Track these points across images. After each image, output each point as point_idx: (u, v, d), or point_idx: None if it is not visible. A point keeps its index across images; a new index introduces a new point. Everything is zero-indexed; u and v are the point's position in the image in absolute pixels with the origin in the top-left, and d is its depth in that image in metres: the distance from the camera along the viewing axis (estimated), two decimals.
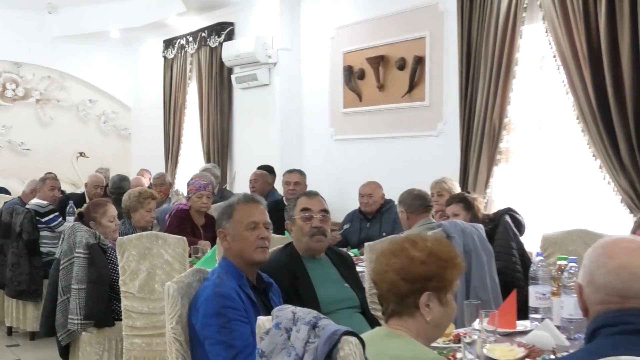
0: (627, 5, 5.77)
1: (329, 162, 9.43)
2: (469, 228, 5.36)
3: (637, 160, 5.80)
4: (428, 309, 2.59)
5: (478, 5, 7.16)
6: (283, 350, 2.49)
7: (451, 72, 7.60)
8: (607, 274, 2.23)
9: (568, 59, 6.27)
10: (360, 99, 8.91)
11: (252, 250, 3.40)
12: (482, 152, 7.15)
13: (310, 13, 9.77)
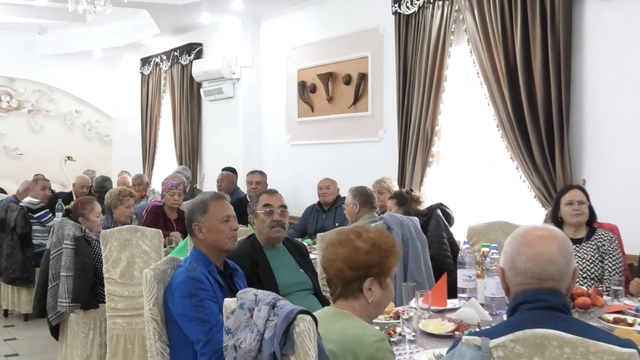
0: (538, 31, 5.86)
1: (285, 164, 9.43)
2: (406, 220, 5.40)
3: (548, 162, 5.88)
4: (370, 292, 2.62)
5: (412, 29, 7.21)
6: (247, 327, 2.49)
7: (390, 86, 7.64)
8: (527, 261, 2.27)
9: (489, 76, 6.34)
10: (312, 110, 8.91)
11: (226, 240, 3.40)
12: (416, 155, 7.19)
13: (268, 36, 9.76)
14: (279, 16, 9.49)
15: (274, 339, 2.38)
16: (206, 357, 3.09)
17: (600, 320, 3.62)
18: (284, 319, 2.38)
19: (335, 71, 8.47)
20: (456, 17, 6.78)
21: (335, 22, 8.48)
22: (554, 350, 2.09)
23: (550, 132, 5.86)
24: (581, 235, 4.72)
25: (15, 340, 6.84)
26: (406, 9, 7.25)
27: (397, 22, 7.39)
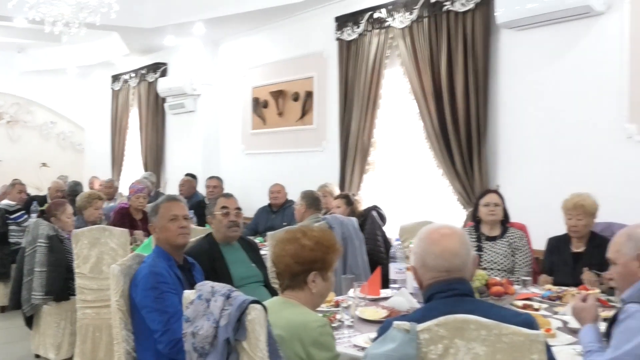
0: (460, 56, 5.95)
1: (240, 171, 9.38)
2: (346, 220, 5.42)
3: (467, 169, 5.97)
4: (314, 284, 2.63)
5: (352, 53, 7.26)
6: (204, 316, 2.47)
7: (333, 103, 7.66)
8: (435, 258, 2.31)
9: (418, 95, 6.41)
10: (264, 123, 8.90)
11: (175, 236, 3.37)
12: (355, 164, 7.23)
13: (226, 57, 9.72)
14: (236, 40, 9.45)
15: (228, 326, 2.36)
16: (163, 345, 3.06)
17: (511, 306, 3.65)
18: (237, 308, 2.37)
19: (285, 89, 8.47)
20: (390, 44, 6.85)
21: (286, 46, 8.49)
22: (472, 332, 2.12)
23: (470, 144, 5.94)
24: (496, 233, 4.78)
25: None
26: (347, 35, 7.29)
27: (339, 47, 7.43)
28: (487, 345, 2.11)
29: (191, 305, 2.55)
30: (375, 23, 6.95)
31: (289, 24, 8.39)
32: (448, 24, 6.09)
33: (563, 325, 3.23)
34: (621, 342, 2.34)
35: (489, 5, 5.75)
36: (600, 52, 5.16)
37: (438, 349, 2.13)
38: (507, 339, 2.10)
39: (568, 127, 5.40)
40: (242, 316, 2.36)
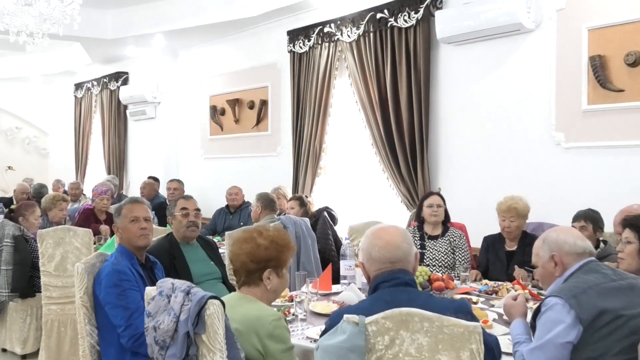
0: (404, 68, 6.01)
1: (199, 174, 9.31)
2: (299, 221, 5.42)
3: (411, 173, 6.02)
4: (269, 281, 2.63)
5: (304, 65, 7.27)
6: (165, 311, 2.46)
7: (286, 111, 7.66)
8: (380, 250, 2.38)
9: (365, 104, 6.45)
10: (222, 129, 8.85)
11: (136, 237, 3.31)
12: (307, 168, 7.24)
13: (185, 67, 9.62)
14: (195, 50, 9.37)
15: (188, 320, 2.35)
16: (125, 339, 3.01)
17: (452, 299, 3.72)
18: (196, 303, 2.36)
19: (241, 98, 8.44)
20: (339, 56, 6.88)
21: (241, 57, 8.45)
22: (416, 324, 2.14)
23: (413, 150, 6.00)
24: (437, 232, 4.83)
25: None
26: (299, 48, 7.30)
27: (291, 59, 7.43)
28: (429, 336, 2.13)
29: (152, 301, 2.53)
30: (325, 37, 6.97)
31: (245, 37, 8.36)
32: (392, 38, 6.15)
33: (498, 317, 3.28)
34: (543, 332, 2.40)
35: (429, 22, 5.82)
36: (530, 65, 5.27)
37: (385, 340, 2.15)
38: (447, 330, 2.13)
39: (502, 135, 5.50)
40: (202, 311, 2.35)
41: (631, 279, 2.52)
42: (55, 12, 5.57)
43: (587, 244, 2.64)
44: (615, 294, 2.40)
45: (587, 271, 2.54)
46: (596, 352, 2.31)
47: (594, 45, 4.82)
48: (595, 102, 4.84)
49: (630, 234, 3.05)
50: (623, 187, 4.62)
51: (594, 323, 2.33)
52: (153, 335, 2.46)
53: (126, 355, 3.06)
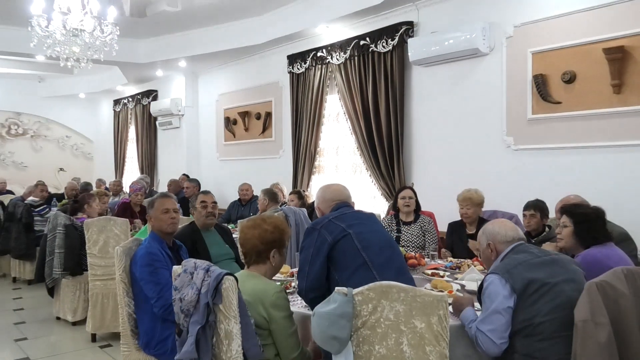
0: (383, 86, 6.00)
1: (216, 173, 9.28)
2: (298, 211, 5.40)
3: (389, 172, 6.03)
4: (274, 258, 2.63)
5: (301, 83, 7.26)
6: (188, 285, 2.45)
7: (287, 121, 7.65)
8: (331, 193, 2.99)
9: (351, 114, 6.45)
10: (234, 136, 8.82)
11: (166, 225, 3.33)
12: (305, 167, 7.24)
13: (204, 85, 9.59)
14: (212, 72, 9.33)
15: (208, 293, 2.35)
16: (157, 308, 3.02)
17: (423, 274, 3.72)
18: (214, 279, 2.36)
19: (250, 110, 8.41)
20: (330, 76, 6.87)
21: (250, 77, 8.43)
22: (394, 294, 2.15)
23: (391, 152, 6.00)
24: (410, 219, 4.83)
25: (22, 298, 6.47)
26: (297, 69, 7.29)
27: (291, 78, 7.42)
28: (405, 304, 2.14)
29: (179, 277, 2.53)
30: (318, 60, 6.96)
31: (252, 60, 8.34)
32: (373, 61, 6.15)
33: (461, 288, 3.29)
34: (488, 304, 2.40)
35: (403, 48, 5.82)
36: (485, 83, 5.28)
37: (369, 308, 2.16)
38: (420, 299, 2.14)
39: (463, 139, 5.50)
40: (219, 285, 2.34)
41: (553, 255, 2.54)
42: (97, 42, 5.57)
43: (517, 233, 2.67)
44: (540, 267, 2.42)
45: (517, 252, 2.58)
46: (530, 314, 2.33)
47: (537, 66, 4.83)
48: (538, 112, 4.85)
49: (566, 219, 3.06)
50: (561, 181, 4.64)
51: (525, 291, 2.35)
52: (179, 305, 2.45)
53: (157, 321, 3.07)
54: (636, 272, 2.30)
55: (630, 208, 4.17)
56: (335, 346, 2.14)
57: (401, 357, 2.14)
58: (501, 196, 4.96)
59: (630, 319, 2.16)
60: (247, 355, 2.35)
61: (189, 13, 7.22)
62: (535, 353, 2.31)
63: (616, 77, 4.27)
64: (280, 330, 2.45)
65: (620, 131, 4.31)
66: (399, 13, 5.96)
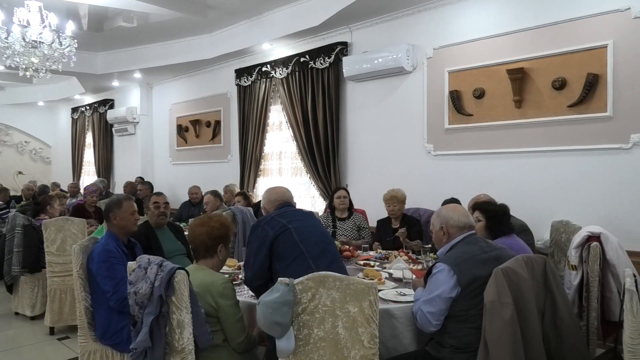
0: (321, 97, 6.03)
1: (169, 176, 9.01)
2: (245, 209, 5.33)
3: (326, 174, 6.05)
4: (221, 252, 2.62)
5: (248, 95, 7.18)
6: (143, 279, 2.38)
7: (234, 128, 7.54)
8: (275, 194, 2.96)
9: (293, 123, 6.44)
10: (186, 142, 8.61)
11: (132, 225, 3.22)
12: (251, 170, 7.17)
13: (158, 95, 9.30)
14: (165, 84, 9.07)
15: (161, 286, 2.29)
16: (113, 302, 2.92)
17: (356, 264, 3.76)
18: (167, 273, 2.30)
19: (200, 118, 8.24)
20: (274, 89, 6.83)
21: (201, 88, 8.26)
22: (330, 283, 2.16)
23: (328, 157, 6.03)
24: (345, 216, 4.88)
25: None
26: (244, 82, 7.21)
27: (238, 90, 7.33)
28: (340, 292, 2.15)
29: (133, 272, 2.45)
30: (263, 74, 6.91)
31: (203, 73, 8.18)
32: (312, 76, 6.17)
33: (389, 276, 3.35)
34: (433, 289, 2.41)
35: (339, 65, 5.87)
36: (410, 97, 5.38)
37: (308, 295, 2.16)
38: (353, 287, 2.16)
39: (390, 146, 5.59)
40: (171, 279, 2.29)
41: (498, 250, 2.51)
42: (55, 54, 5.33)
43: (468, 219, 2.61)
44: (485, 264, 2.39)
45: (468, 243, 2.53)
46: (468, 306, 2.35)
47: (452, 83, 4.97)
48: (454, 123, 4.99)
49: (479, 214, 3.16)
50: (472, 182, 4.79)
51: (468, 286, 2.34)
52: (134, 298, 2.37)
53: (113, 314, 2.96)
54: (534, 259, 2.40)
55: (528, 204, 4.37)
56: (278, 331, 2.13)
57: (337, 339, 2.15)
58: (422, 195, 5.07)
59: (529, 300, 2.25)
60: (198, 341, 2.31)
61: (144, 29, 7.01)
62: (463, 338, 2.35)
63: (517, 94, 4.46)
64: (227, 318, 2.42)
65: (520, 140, 4.51)
66: (335, 34, 6.01)
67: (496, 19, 4.64)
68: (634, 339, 1.78)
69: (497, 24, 4.62)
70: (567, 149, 4.21)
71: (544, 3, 4.33)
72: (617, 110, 3.92)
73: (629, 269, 2.05)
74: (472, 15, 4.82)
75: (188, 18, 6.47)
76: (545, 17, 4.31)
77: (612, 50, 3.93)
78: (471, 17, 4.82)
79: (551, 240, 3.82)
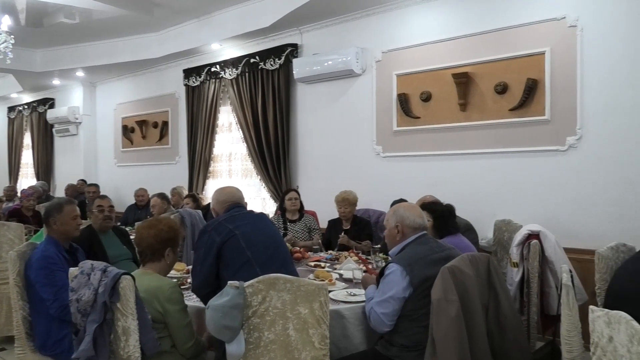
0: (271, 99, 6.01)
1: (114, 178, 8.71)
2: (194, 213, 5.24)
3: (277, 176, 6.04)
4: (168, 256, 2.55)
5: (196, 95, 7.07)
6: (85, 286, 2.28)
7: (183, 129, 7.39)
8: (224, 195, 2.85)
9: (243, 125, 6.38)
10: (132, 143, 8.36)
11: (74, 230, 3.10)
12: (200, 172, 7.05)
13: (102, 95, 8.98)
14: (110, 83, 8.78)
15: (105, 292, 2.20)
16: (54, 310, 2.79)
17: (307, 265, 3.76)
18: (112, 278, 2.22)
19: (147, 119, 8.03)
20: (223, 89, 6.75)
21: (147, 88, 8.05)
22: (281, 285, 2.15)
23: (278, 158, 6.02)
24: (296, 217, 4.88)
25: None
26: (192, 83, 7.09)
27: (187, 91, 7.19)
28: (291, 293, 2.15)
29: (75, 279, 2.35)
30: (212, 75, 6.81)
31: (150, 73, 7.97)
32: (262, 77, 6.13)
33: (340, 277, 3.37)
34: (387, 289, 2.42)
35: (289, 67, 5.87)
36: (359, 99, 5.44)
37: (258, 298, 2.14)
38: (304, 288, 2.16)
39: (340, 147, 5.64)
40: (116, 284, 2.21)
41: (447, 250, 2.55)
42: None
43: (423, 221, 2.63)
44: (436, 264, 2.40)
45: (420, 243, 2.55)
46: (418, 305, 2.38)
47: (400, 86, 5.06)
48: (402, 125, 5.08)
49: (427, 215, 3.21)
50: (420, 183, 4.88)
51: (420, 286, 2.37)
52: (76, 305, 2.27)
53: (53, 322, 2.83)
54: (478, 257, 2.48)
55: (473, 204, 4.51)
56: (228, 335, 2.10)
57: (287, 341, 2.14)
58: (372, 196, 5.14)
59: (474, 297, 2.32)
60: (145, 348, 2.24)
61: (87, 26, 6.76)
62: (413, 336, 2.39)
63: (462, 97, 4.60)
64: (175, 323, 2.36)
65: (465, 142, 4.66)
66: (285, 36, 6.00)
67: (442, 25, 4.77)
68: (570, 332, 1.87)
69: (443, 29, 4.75)
70: (509, 151, 4.38)
71: (487, 10, 4.50)
72: (554, 114, 4.12)
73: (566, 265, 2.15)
74: (419, 20, 4.93)
75: (134, 16, 6.29)
76: (488, 24, 4.47)
77: (550, 57, 4.12)
78: (419, 22, 4.93)
79: (494, 239, 3.96)
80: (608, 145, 3.89)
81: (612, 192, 3.86)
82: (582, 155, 4.01)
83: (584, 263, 3.57)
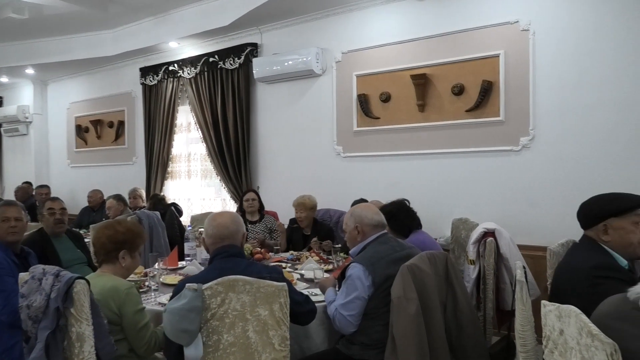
0: (231, 99, 5.95)
1: (68, 179, 8.42)
2: (152, 214, 5.13)
3: (237, 177, 5.98)
4: (124, 260, 2.47)
5: (154, 95, 6.93)
6: (37, 291, 2.20)
7: (140, 129, 7.23)
8: (214, 228, 2.34)
9: (202, 125, 6.29)
10: (86, 143, 8.11)
11: (5, 234, 2.95)
12: (158, 173, 6.91)
13: (54, 94, 8.67)
14: (62, 81, 8.48)
15: (58, 298, 2.13)
16: (5, 316, 2.69)
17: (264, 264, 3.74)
18: (65, 283, 2.14)
19: (102, 118, 7.81)
20: (182, 89, 6.64)
21: (102, 87, 7.82)
22: (240, 287, 2.13)
23: (239, 159, 5.97)
24: (256, 219, 4.84)
25: None
26: (149, 81, 6.94)
27: (143, 90, 7.04)
28: (250, 295, 2.13)
29: (26, 284, 2.25)
30: (170, 74, 6.69)
31: (105, 71, 7.75)
32: (222, 77, 6.07)
33: (301, 277, 3.37)
34: (351, 290, 2.43)
35: (249, 66, 5.83)
36: (319, 99, 5.46)
37: (217, 301, 2.11)
38: (263, 290, 2.15)
39: (301, 147, 5.64)
40: (69, 289, 2.13)
41: (408, 249, 2.57)
42: None
43: (381, 217, 2.64)
44: (396, 263, 2.42)
45: (380, 243, 2.57)
46: (380, 304, 2.40)
47: (360, 87, 5.11)
48: (362, 126, 5.13)
49: None
50: (380, 183, 4.96)
51: (382, 285, 2.39)
52: (27, 312, 2.19)
53: (3, 330, 2.71)
54: (437, 255, 2.53)
55: (431, 202, 4.60)
56: (185, 339, 2.06)
57: (247, 343, 2.12)
58: (333, 196, 5.16)
59: (433, 294, 2.36)
60: (101, 354, 2.17)
61: (38, 21, 6.50)
62: (373, 335, 2.41)
63: (420, 98, 4.69)
64: (131, 325, 2.30)
65: (423, 142, 4.74)
66: (245, 35, 5.96)
67: (401, 27, 4.84)
68: (524, 326, 1.93)
69: (402, 31, 4.82)
70: (466, 151, 4.49)
71: (445, 13, 4.59)
72: (509, 115, 4.25)
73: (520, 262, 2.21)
74: (378, 21, 4.99)
75: (87, 12, 6.11)
76: (445, 27, 4.57)
77: (504, 60, 4.25)
78: (378, 24, 4.99)
79: (452, 237, 4.04)
80: (559, 146, 4.04)
81: (562, 191, 4.02)
82: (535, 155, 4.15)
83: (537, 259, 3.69)
